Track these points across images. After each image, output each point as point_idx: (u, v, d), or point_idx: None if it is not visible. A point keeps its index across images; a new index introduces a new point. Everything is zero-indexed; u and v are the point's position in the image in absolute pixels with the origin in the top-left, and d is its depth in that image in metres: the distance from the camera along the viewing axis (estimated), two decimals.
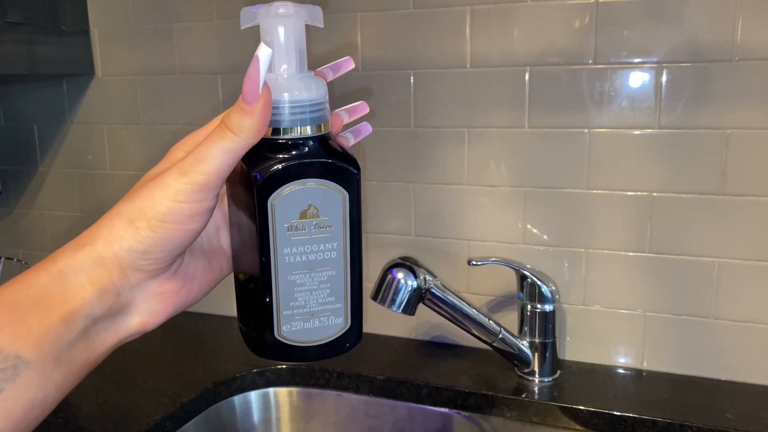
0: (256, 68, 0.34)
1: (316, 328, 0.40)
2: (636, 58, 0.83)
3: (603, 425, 0.80)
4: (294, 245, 0.38)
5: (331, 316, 0.40)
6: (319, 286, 0.39)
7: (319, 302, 0.39)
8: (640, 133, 0.85)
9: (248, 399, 0.92)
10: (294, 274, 0.38)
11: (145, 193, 0.36)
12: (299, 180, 0.37)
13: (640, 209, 0.86)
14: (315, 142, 0.38)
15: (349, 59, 0.44)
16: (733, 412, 0.79)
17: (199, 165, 0.35)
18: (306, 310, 0.39)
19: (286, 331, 0.39)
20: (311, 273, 0.39)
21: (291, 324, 0.39)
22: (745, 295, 0.84)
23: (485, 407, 0.85)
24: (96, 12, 1.11)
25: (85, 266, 0.36)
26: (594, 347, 0.92)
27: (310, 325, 0.40)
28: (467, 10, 0.89)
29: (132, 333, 0.40)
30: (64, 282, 0.35)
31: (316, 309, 0.39)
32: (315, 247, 0.38)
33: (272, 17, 0.38)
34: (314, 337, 0.40)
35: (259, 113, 0.35)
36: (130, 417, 0.79)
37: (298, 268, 0.38)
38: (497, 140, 0.91)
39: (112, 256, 0.36)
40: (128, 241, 0.36)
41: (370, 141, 0.98)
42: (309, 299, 0.39)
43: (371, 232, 1.01)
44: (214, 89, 1.06)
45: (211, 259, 0.42)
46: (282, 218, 0.37)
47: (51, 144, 1.20)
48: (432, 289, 0.84)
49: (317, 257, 0.38)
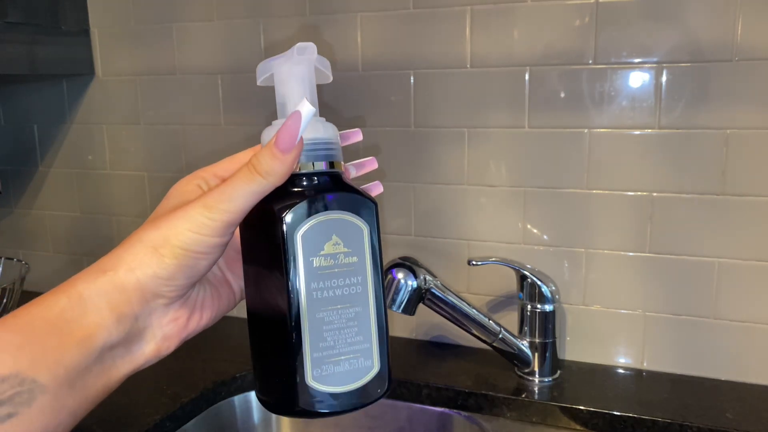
0: (297, 123, 0.37)
1: (347, 372, 0.38)
2: (636, 58, 0.83)
3: (603, 425, 0.80)
4: (321, 279, 0.37)
5: (360, 357, 0.38)
6: (347, 324, 0.38)
7: (348, 342, 0.38)
8: (640, 133, 0.85)
9: (248, 399, 0.92)
10: (323, 311, 0.37)
11: (168, 223, 0.37)
12: (323, 213, 0.37)
13: (640, 209, 0.86)
14: (332, 178, 0.39)
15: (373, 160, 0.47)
16: (733, 412, 0.79)
17: (224, 203, 0.37)
18: (336, 351, 0.37)
19: (317, 376, 0.37)
20: (339, 310, 0.37)
21: (322, 368, 0.37)
22: (745, 295, 0.84)
23: (485, 407, 0.85)
24: (96, 12, 1.11)
25: (105, 291, 0.36)
26: (594, 347, 0.92)
27: (340, 368, 0.37)
28: (467, 10, 0.90)
29: (147, 359, 0.40)
30: (84, 306, 0.36)
31: (345, 350, 0.38)
32: (341, 281, 0.38)
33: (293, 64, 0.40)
34: (345, 382, 0.38)
35: (291, 161, 0.37)
36: (130, 417, 0.79)
37: (327, 304, 0.37)
38: (497, 140, 0.91)
39: (134, 281, 0.37)
40: (153, 268, 0.37)
41: (370, 141, 0.98)
42: (338, 339, 0.37)
43: None
44: (214, 89, 1.06)
45: (218, 287, 0.44)
46: (309, 251, 0.36)
47: (51, 144, 1.20)
48: (432, 289, 0.84)
49: (344, 292, 0.38)
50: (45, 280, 1.27)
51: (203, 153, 1.08)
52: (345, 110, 0.99)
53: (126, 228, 1.17)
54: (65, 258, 1.24)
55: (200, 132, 1.08)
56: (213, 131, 1.07)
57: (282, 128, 0.37)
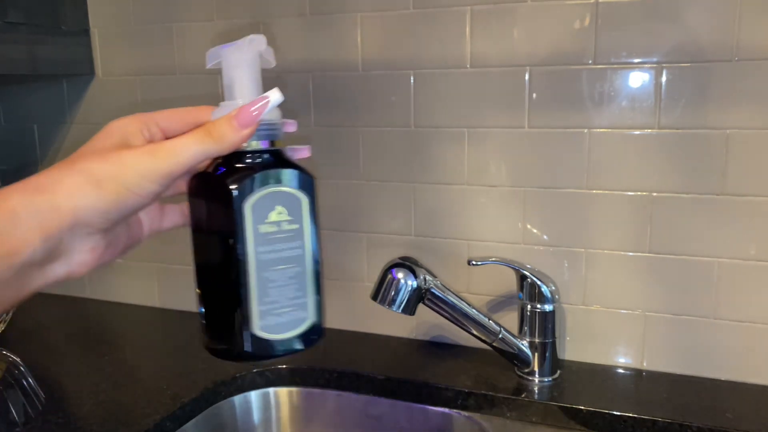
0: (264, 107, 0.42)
1: (287, 322, 0.44)
2: (636, 58, 0.83)
3: (603, 425, 0.80)
4: (267, 243, 0.42)
5: (298, 310, 0.44)
6: (288, 282, 0.43)
7: (288, 297, 0.44)
8: (640, 133, 0.85)
9: (248, 399, 0.92)
10: (268, 271, 0.42)
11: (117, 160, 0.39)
12: (269, 186, 0.42)
13: (639, 209, 0.87)
14: (275, 156, 0.44)
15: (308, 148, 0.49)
16: (733, 411, 0.79)
17: (174, 156, 0.40)
18: (278, 305, 0.43)
19: (262, 326, 0.43)
20: (282, 270, 0.43)
21: (266, 319, 0.43)
22: (745, 294, 0.84)
23: (485, 407, 0.85)
24: (96, 12, 1.11)
25: (39, 210, 0.37)
26: (594, 347, 0.92)
27: (282, 319, 0.44)
28: (467, 10, 0.90)
29: (57, 279, 0.41)
30: (15, 222, 0.37)
31: (286, 304, 0.44)
32: (284, 245, 0.43)
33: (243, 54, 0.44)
34: (285, 331, 0.44)
35: (246, 136, 0.41)
36: (131, 417, 0.80)
37: (271, 265, 0.42)
38: (497, 140, 0.91)
39: (71, 207, 0.38)
40: (92, 200, 0.38)
41: (371, 141, 0.98)
42: (280, 295, 0.43)
43: (371, 232, 1.01)
44: (215, 89, 1.06)
45: (132, 225, 0.46)
46: (256, 220, 0.42)
47: (51, 144, 1.20)
48: (432, 289, 0.84)
49: (286, 254, 0.43)
50: None
51: None
52: (345, 110, 0.99)
53: None
54: None
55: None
56: None
57: (247, 107, 0.41)
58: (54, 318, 1.16)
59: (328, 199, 1.02)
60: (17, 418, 0.80)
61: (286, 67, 1.00)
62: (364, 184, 1.00)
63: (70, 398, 0.86)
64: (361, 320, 1.05)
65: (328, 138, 1.00)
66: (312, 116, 1.01)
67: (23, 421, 0.80)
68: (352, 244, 1.03)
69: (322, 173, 1.02)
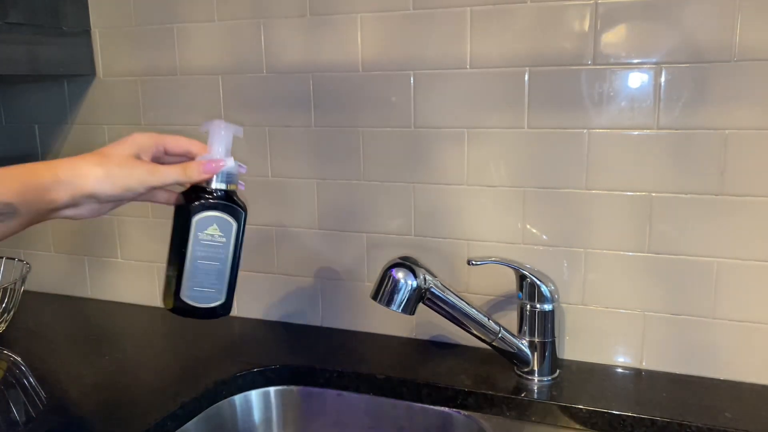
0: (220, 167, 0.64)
1: (204, 296, 0.67)
2: (635, 58, 0.84)
3: (602, 424, 0.80)
4: (202, 246, 0.66)
5: (214, 292, 0.67)
6: (210, 272, 0.66)
7: (209, 282, 0.67)
8: (639, 133, 0.85)
9: (249, 398, 0.92)
10: (198, 261, 0.66)
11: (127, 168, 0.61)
12: (211, 210, 0.65)
13: (639, 209, 0.87)
14: (226, 193, 0.66)
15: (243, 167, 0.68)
16: (732, 411, 0.79)
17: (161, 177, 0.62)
18: (200, 285, 0.67)
19: (185, 296, 0.66)
20: (208, 263, 0.66)
21: (190, 291, 0.66)
22: (743, 294, 0.84)
23: (485, 406, 0.85)
24: (97, 12, 1.12)
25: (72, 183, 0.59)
26: (593, 347, 0.92)
27: (200, 294, 0.67)
28: (467, 10, 0.90)
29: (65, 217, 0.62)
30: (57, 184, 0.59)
31: (206, 285, 0.67)
32: (213, 250, 0.66)
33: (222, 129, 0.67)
34: (201, 303, 0.67)
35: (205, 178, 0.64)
36: (131, 416, 0.80)
37: (201, 258, 0.66)
38: (497, 140, 0.92)
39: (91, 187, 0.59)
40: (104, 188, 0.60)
41: (371, 141, 0.98)
42: (203, 279, 0.66)
43: (371, 232, 1.01)
44: (215, 90, 1.06)
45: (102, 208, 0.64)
46: (199, 229, 0.65)
47: (52, 144, 1.20)
48: (432, 288, 0.84)
49: (212, 254, 0.66)
50: (46, 279, 1.28)
51: None
52: (345, 110, 0.99)
53: (127, 228, 1.17)
54: (66, 258, 1.24)
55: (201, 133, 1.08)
56: None
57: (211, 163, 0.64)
58: (54, 318, 1.16)
59: (328, 199, 1.03)
60: (18, 418, 0.81)
61: (286, 68, 1.01)
62: (364, 184, 1.00)
63: (70, 398, 0.86)
64: (361, 320, 1.05)
65: (328, 138, 1.00)
66: (312, 116, 1.01)
67: (24, 420, 0.80)
68: (352, 244, 1.03)
69: (322, 173, 1.02)
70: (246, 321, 1.11)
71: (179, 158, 0.66)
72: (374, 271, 1.01)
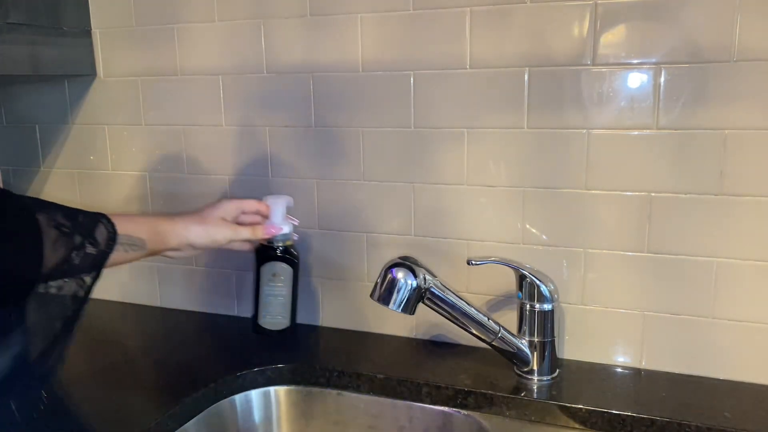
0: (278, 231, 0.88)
1: (275, 322, 0.93)
2: (635, 58, 0.84)
3: (601, 424, 0.80)
4: (269, 285, 0.92)
5: (281, 317, 0.93)
6: (276, 303, 0.92)
7: (277, 311, 0.92)
8: (639, 133, 0.85)
9: (249, 398, 0.92)
10: (267, 296, 0.92)
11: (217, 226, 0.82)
12: (275, 261, 0.91)
13: (638, 209, 0.87)
14: (284, 249, 0.91)
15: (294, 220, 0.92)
16: (731, 411, 0.79)
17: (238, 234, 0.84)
18: (271, 313, 0.92)
19: (262, 322, 0.93)
20: (274, 298, 0.92)
21: (265, 317, 0.93)
22: (743, 294, 0.84)
23: (484, 406, 0.85)
24: (97, 13, 1.12)
25: (180, 234, 0.79)
26: (593, 346, 0.92)
27: (272, 320, 0.93)
28: (467, 11, 0.90)
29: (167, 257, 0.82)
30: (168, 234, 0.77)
31: (274, 313, 0.92)
32: (276, 288, 0.92)
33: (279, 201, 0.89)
34: (273, 327, 0.93)
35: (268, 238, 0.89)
36: (132, 415, 0.80)
37: (270, 293, 0.92)
38: (496, 140, 0.92)
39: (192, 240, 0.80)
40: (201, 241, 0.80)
41: (371, 141, 0.98)
42: (272, 309, 0.92)
43: (371, 232, 1.01)
44: (216, 90, 1.06)
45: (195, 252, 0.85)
46: (265, 274, 0.91)
47: (53, 144, 1.21)
48: (432, 288, 0.84)
49: (276, 291, 0.92)
50: None
51: (204, 154, 1.09)
52: (345, 110, 0.99)
53: None
54: None
55: (202, 133, 1.08)
56: (214, 132, 1.07)
57: (271, 228, 0.87)
58: None
59: (328, 199, 1.03)
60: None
61: (286, 68, 1.01)
62: (364, 184, 1.00)
63: (71, 397, 0.86)
64: (361, 320, 1.05)
65: (328, 138, 1.01)
66: (312, 116, 1.01)
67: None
68: (352, 244, 1.03)
69: (322, 173, 1.02)
70: (246, 321, 1.11)
71: (252, 215, 0.87)
72: (374, 271, 1.01)
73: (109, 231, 0.66)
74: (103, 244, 0.64)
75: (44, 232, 0.58)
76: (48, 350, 0.59)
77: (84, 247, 0.61)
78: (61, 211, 0.62)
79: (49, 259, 0.57)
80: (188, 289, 1.16)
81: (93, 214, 0.66)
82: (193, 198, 1.11)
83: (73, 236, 0.61)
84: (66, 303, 0.60)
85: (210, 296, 1.15)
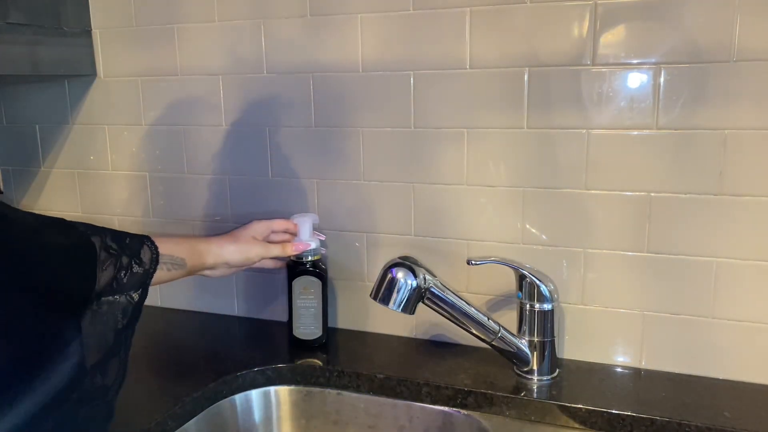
0: (306, 247, 0.94)
1: (308, 332, 0.99)
2: (634, 58, 0.84)
3: (601, 424, 0.80)
4: (301, 298, 0.98)
5: (314, 327, 0.99)
6: (308, 314, 0.98)
7: (309, 321, 0.99)
8: (639, 133, 0.85)
9: (249, 397, 0.92)
10: (300, 308, 0.98)
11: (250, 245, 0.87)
12: (305, 275, 0.97)
13: (638, 209, 0.87)
14: (313, 264, 0.97)
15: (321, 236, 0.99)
16: (731, 410, 0.79)
17: (269, 251, 0.89)
18: (304, 323, 0.99)
19: (296, 333, 0.99)
20: (306, 309, 0.98)
21: (299, 328, 0.99)
22: (742, 294, 0.84)
23: (484, 406, 0.85)
24: (98, 13, 1.12)
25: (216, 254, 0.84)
26: (592, 346, 0.92)
27: (306, 330, 0.99)
28: (467, 11, 0.90)
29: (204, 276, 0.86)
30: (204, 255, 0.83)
31: (307, 323, 0.99)
32: (308, 300, 0.98)
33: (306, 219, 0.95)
34: (307, 336, 0.99)
35: (297, 254, 0.94)
36: (132, 415, 0.80)
37: (302, 305, 0.98)
38: (496, 140, 0.92)
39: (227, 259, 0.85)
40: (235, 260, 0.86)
41: (370, 141, 0.98)
42: (305, 320, 0.99)
43: (371, 232, 1.01)
44: (216, 90, 1.06)
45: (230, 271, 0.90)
46: (297, 288, 0.98)
47: (53, 144, 1.21)
48: (431, 288, 0.84)
49: (308, 303, 0.98)
50: None
51: (205, 154, 1.09)
52: (345, 110, 0.99)
53: (128, 228, 1.17)
54: None
55: (202, 133, 1.08)
56: (214, 132, 1.07)
57: (300, 245, 0.93)
58: None
59: (328, 199, 1.03)
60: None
61: (286, 68, 1.01)
62: (364, 184, 1.00)
63: None
64: (361, 319, 1.05)
65: (328, 138, 1.01)
66: (312, 116, 1.01)
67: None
68: (352, 244, 1.03)
69: (322, 173, 1.02)
70: (246, 320, 1.11)
71: (281, 234, 0.93)
72: (374, 271, 1.01)
73: (152, 251, 0.72)
74: (147, 263, 0.70)
75: (98, 255, 0.64)
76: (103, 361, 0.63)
77: (131, 267, 0.67)
78: (110, 234, 0.68)
79: (101, 278, 0.63)
80: (188, 289, 1.16)
81: (138, 236, 0.72)
82: (193, 198, 1.11)
83: (121, 257, 0.67)
84: (117, 317, 0.65)
85: (210, 296, 1.15)
